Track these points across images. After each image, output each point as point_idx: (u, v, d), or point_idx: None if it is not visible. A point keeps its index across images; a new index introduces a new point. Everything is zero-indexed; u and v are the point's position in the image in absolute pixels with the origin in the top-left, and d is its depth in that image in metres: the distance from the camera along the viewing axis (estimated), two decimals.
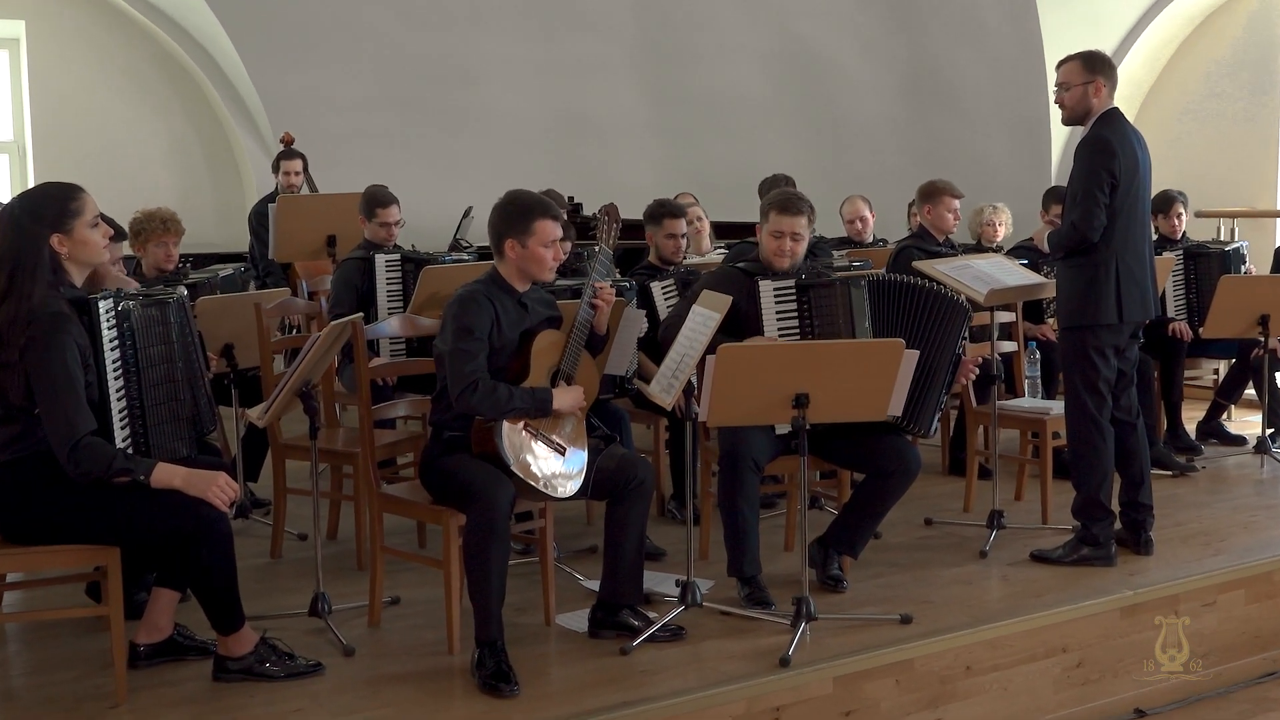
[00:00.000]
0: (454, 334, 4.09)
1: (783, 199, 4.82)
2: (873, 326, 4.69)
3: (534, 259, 4.20)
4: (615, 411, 5.31)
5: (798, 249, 4.81)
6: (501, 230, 4.21)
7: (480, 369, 4.05)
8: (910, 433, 4.74)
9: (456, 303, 4.15)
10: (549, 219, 4.21)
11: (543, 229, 4.19)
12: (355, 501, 5.16)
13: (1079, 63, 5.04)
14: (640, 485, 4.23)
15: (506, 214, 4.22)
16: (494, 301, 4.17)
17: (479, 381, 4.01)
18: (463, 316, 4.10)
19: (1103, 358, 5.01)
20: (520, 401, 4.04)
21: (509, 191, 4.32)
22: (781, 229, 4.78)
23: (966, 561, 5.20)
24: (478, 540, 3.91)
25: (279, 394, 4.13)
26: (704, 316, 4.37)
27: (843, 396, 4.09)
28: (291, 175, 8.44)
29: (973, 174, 10.70)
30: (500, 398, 4.01)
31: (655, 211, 5.94)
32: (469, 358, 4.04)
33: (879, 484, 4.66)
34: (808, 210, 4.83)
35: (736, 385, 3.99)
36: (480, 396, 4.00)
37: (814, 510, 5.71)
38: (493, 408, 4.02)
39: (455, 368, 4.05)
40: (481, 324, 4.10)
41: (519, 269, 4.22)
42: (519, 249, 4.19)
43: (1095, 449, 5.05)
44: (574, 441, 4.22)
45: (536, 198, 4.29)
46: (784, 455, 4.73)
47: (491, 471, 4.00)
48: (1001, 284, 5.40)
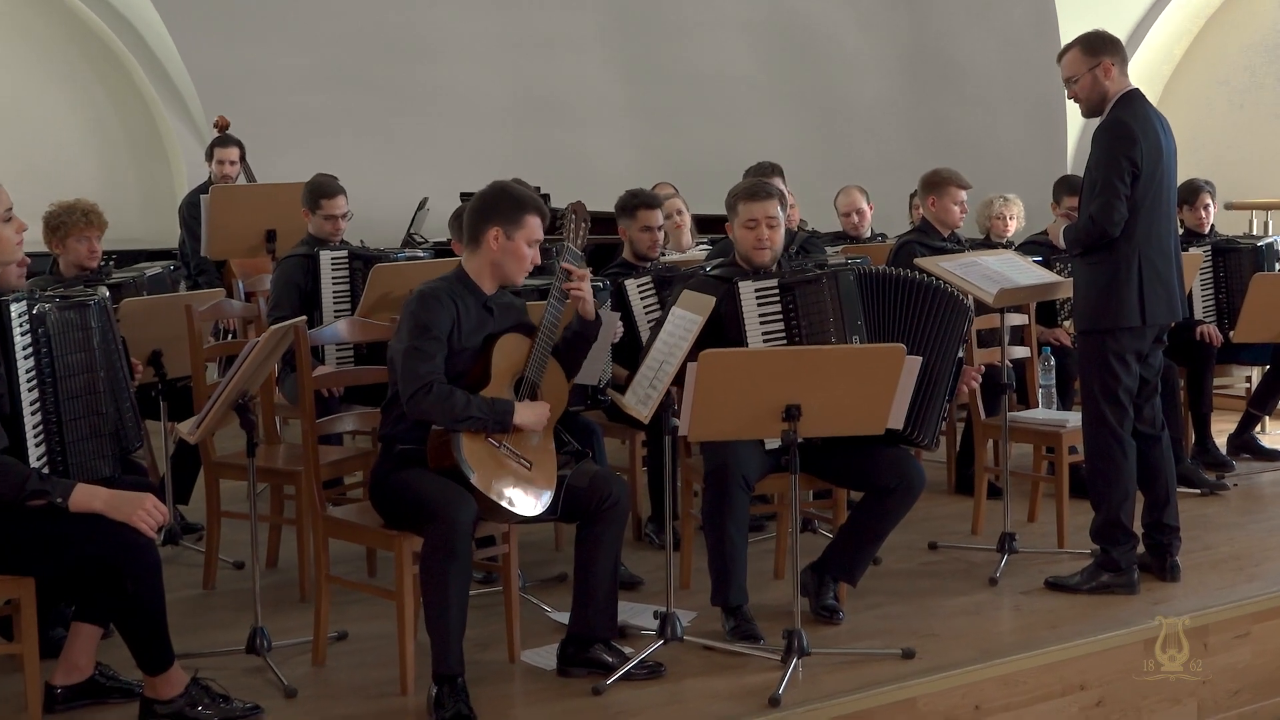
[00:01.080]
0: (410, 331, 4.10)
1: (748, 187, 4.88)
2: (866, 326, 4.71)
3: (515, 254, 4.23)
4: (587, 425, 5.30)
5: (775, 237, 4.83)
6: (487, 217, 4.23)
7: (436, 371, 4.06)
8: (913, 443, 4.76)
9: (416, 298, 4.17)
10: (540, 217, 4.27)
11: (532, 225, 4.24)
12: (298, 525, 5.14)
13: (1078, 50, 5.08)
14: (614, 506, 4.23)
15: (496, 202, 4.25)
16: (456, 301, 4.18)
17: (434, 384, 4.02)
18: (421, 313, 4.11)
19: (1124, 364, 5.04)
20: (478, 411, 4.05)
21: (497, 182, 4.37)
22: (754, 216, 4.80)
23: (975, 590, 5.21)
24: (436, 563, 3.91)
25: (212, 406, 4.11)
26: (684, 319, 4.38)
27: (838, 408, 4.09)
28: (227, 164, 8.41)
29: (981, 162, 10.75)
30: (456, 404, 4.02)
31: (628, 202, 5.95)
32: (424, 358, 4.06)
33: (879, 502, 4.67)
34: (777, 193, 4.87)
35: (721, 395, 4.00)
36: (434, 400, 4.01)
37: (806, 534, 5.71)
38: (446, 415, 4.03)
39: (408, 367, 4.06)
40: (441, 323, 4.11)
41: (493, 265, 4.24)
42: (503, 240, 4.22)
43: (1116, 465, 5.08)
44: (542, 457, 4.22)
45: (529, 191, 4.36)
46: (773, 473, 4.73)
47: (450, 487, 4.00)
48: (1013, 283, 5.42)
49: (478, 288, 4.26)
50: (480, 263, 4.26)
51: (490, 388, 4.15)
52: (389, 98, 11.15)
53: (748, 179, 4.99)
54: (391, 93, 11.15)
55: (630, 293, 5.61)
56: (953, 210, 6.50)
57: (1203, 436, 7.25)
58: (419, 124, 11.27)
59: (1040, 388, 6.37)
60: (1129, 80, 5.11)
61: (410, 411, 4.07)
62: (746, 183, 4.94)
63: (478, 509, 4.00)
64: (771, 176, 6.19)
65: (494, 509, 4.07)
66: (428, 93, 11.32)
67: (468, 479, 4.00)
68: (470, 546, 4.00)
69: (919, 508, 4.88)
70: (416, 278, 4.84)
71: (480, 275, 4.27)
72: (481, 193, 4.31)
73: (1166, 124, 5.13)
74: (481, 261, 4.25)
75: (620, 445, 6.08)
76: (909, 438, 4.69)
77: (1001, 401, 5.65)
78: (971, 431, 6.25)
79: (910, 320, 4.72)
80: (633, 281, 5.65)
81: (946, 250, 6.25)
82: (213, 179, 8.44)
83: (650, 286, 5.65)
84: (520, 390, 4.22)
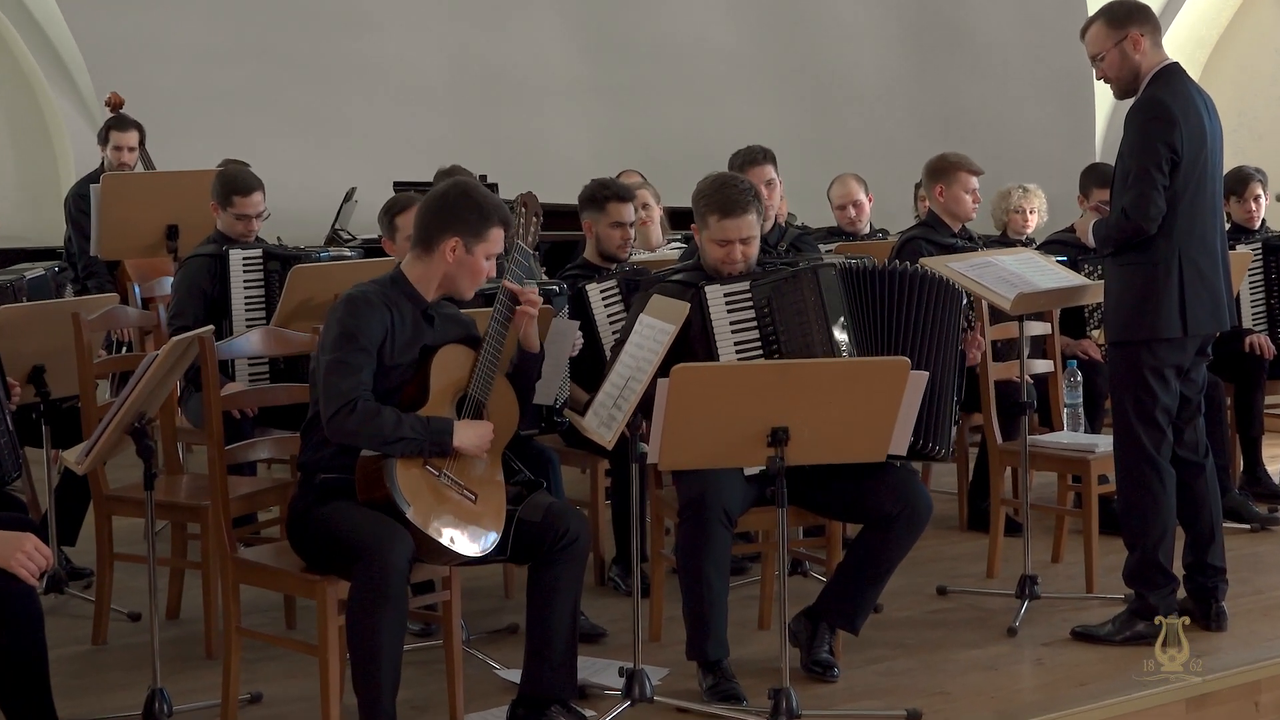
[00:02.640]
0: (334, 342, 4.11)
1: (721, 198, 4.81)
2: (852, 326, 4.71)
3: (472, 270, 4.27)
4: (541, 451, 5.29)
5: (750, 251, 4.84)
6: (446, 224, 4.24)
7: (362, 386, 4.06)
8: (927, 456, 4.78)
9: (343, 304, 4.18)
10: (505, 228, 4.30)
11: (495, 239, 4.28)
12: (203, 570, 5.11)
13: (1102, 23, 5.11)
14: (573, 544, 4.23)
15: (458, 208, 4.25)
16: (391, 308, 4.19)
17: (358, 401, 4.03)
18: (348, 320, 4.12)
19: (1162, 381, 5.06)
20: (411, 431, 4.05)
21: (461, 180, 4.38)
22: (727, 236, 4.80)
23: (991, 641, 5.22)
24: (365, 612, 3.91)
25: (104, 431, 4.09)
26: (654, 329, 4.39)
27: (832, 431, 4.10)
28: (124, 150, 8.37)
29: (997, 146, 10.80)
30: (384, 424, 4.02)
31: (595, 194, 5.95)
32: (349, 371, 4.06)
33: (880, 535, 4.68)
34: (755, 202, 4.84)
35: (696, 417, 4.00)
36: (358, 420, 4.01)
37: (796, 576, 5.70)
38: (374, 436, 4.03)
39: (331, 382, 4.06)
40: (371, 332, 4.12)
41: (444, 276, 4.27)
42: (461, 253, 4.24)
43: (1152, 497, 5.10)
44: (488, 488, 4.22)
45: (497, 200, 4.36)
46: (757, 506, 4.73)
47: (382, 523, 4.00)
48: (1034, 287, 5.45)
49: (417, 293, 4.27)
50: (428, 271, 4.27)
51: (428, 407, 4.15)
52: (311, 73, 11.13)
53: (720, 180, 4.88)
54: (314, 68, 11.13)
55: (592, 298, 5.61)
56: (964, 201, 6.51)
57: (1252, 463, 7.29)
58: (345, 103, 11.25)
59: (1065, 408, 6.39)
60: (1165, 53, 5.14)
61: (332, 434, 4.07)
62: (716, 188, 4.85)
63: (414, 548, 3.99)
64: (762, 164, 6.21)
65: (433, 548, 4.06)
66: (356, 67, 11.31)
67: (402, 513, 3.99)
68: (405, 592, 3.99)
69: (926, 546, 4.90)
70: (343, 281, 4.83)
71: (423, 281, 4.28)
72: (442, 192, 4.31)
73: (1211, 103, 5.15)
74: (430, 270, 4.27)
75: (580, 475, 6.07)
76: (921, 451, 4.72)
77: (1021, 424, 5.66)
78: (986, 458, 6.27)
79: (902, 318, 4.74)
80: (595, 286, 5.65)
81: (957, 248, 6.26)
82: (106, 166, 8.39)
83: (615, 291, 5.65)
84: (463, 410, 4.22)
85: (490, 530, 4.17)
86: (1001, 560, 6.01)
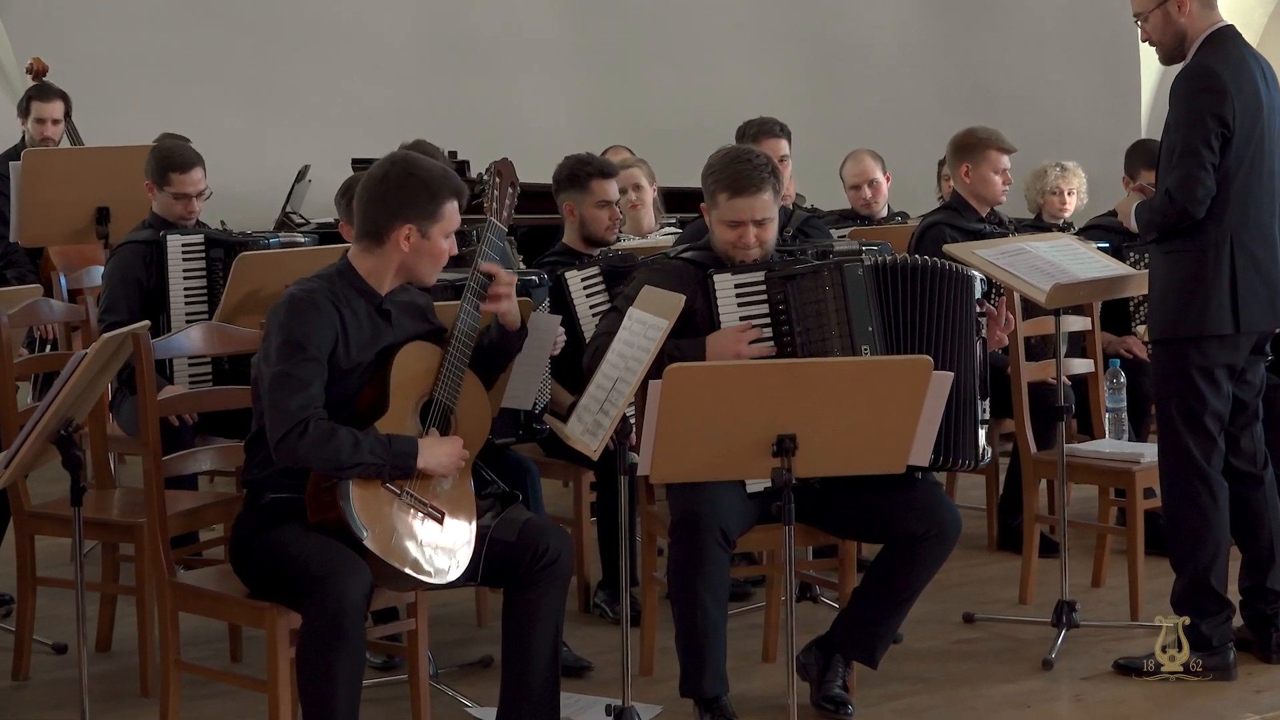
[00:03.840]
0: (279, 351, 4.08)
1: (732, 174, 4.82)
2: (879, 331, 4.71)
3: (431, 255, 4.26)
4: (518, 461, 5.30)
5: (766, 235, 4.84)
6: (394, 212, 4.22)
7: (314, 404, 4.04)
8: (951, 467, 4.78)
9: (285, 306, 4.15)
10: (458, 198, 4.29)
11: (452, 214, 4.26)
12: (138, 596, 5.11)
13: None
14: (553, 565, 4.23)
15: (403, 191, 4.23)
16: (341, 307, 4.18)
17: (309, 422, 4.01)
18: (292, 326, 4.09)
19: (1211, 383, 5.07)
20: (370, 454, 4.04)
21: (400, 156, 4.36)
22: (739, 216, 4.81)
23: (1024, 675, 5.23)
24: (318, 646, 3.90)
25: (25, 440, 4.08)
26: (644, 324, 4.38)
27: (845, 440, 4.10)
28: (47, 123, 8.37)
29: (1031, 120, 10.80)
30: (340, 447, 4.01)
31: (578, 171, 5.96)
32: (297, 387, 4.04)
33: (902, 556, 4.68)
34: (771, 179, 4.84)
35: (692, 423, 3.99)
36: (310, 445, 4.00)
37: (805, 603, 5.71)
38: (328, 461, 4.02)
39: (277, 400, 4.04)
40: (319, 338, 4.10)
41: (400, 266, 4.27)
42: (417, 239, 4.23)
43: (1202, 513, 5.11)
44: (457, 504, 4.22)
45: (442, 168, 4.35)
46: (761, 524, 4.73)
47: (336, 549, 3.99)
48: (1071, 277, 5.44)
49: (369, 287, 4.26)
50: (381, 263, 4.26)
51: (389, 416, 4.15)
52: (259, 37, 11.11)
53: (733, 155, 4.89)
54: (262, 31, 11.12)
55: (573, 288, 5.61)
56: (993, 182, 6.52)
57: None
58: (298, 71, 11.23)
59: (1107, 412, 6.39)
60: (1218, 14, 5.14)
61: (280, 458, 4.07)
62: (730, 163, 4.87)
63: (371, 580, 3.99)
64: (776, 139, 6.20)
65: (395, 575, 4.06)
66: (310, 31, 11.29)
67: (359, 538, 4.00)
68: (362, 630, 3.99)
69: (952, 569, 4.90)
70: (294, 270, 4.82)
71: (376, 275, 4.27)
72: (379, 175, 4.27)
73: (1270, 71, 5.14)
74: (382, 262, 4.26)
75: (562, 488, 6.09)
76: (942, 466, 4.74)
77: (1057, 431, 5.65)
78: (1018, 470, 6.27)
79: (927, 318, 4.75)
80: (576, 274, 5.65)
81: (985, 234, 6.27)
82: (27, 141, 8.39)
83: (599, 281, 5.65)
84: (429, 417, 4.22)
85: (459, 552, 4.17)
86: (1036, 584, 6.00)
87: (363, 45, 11.43)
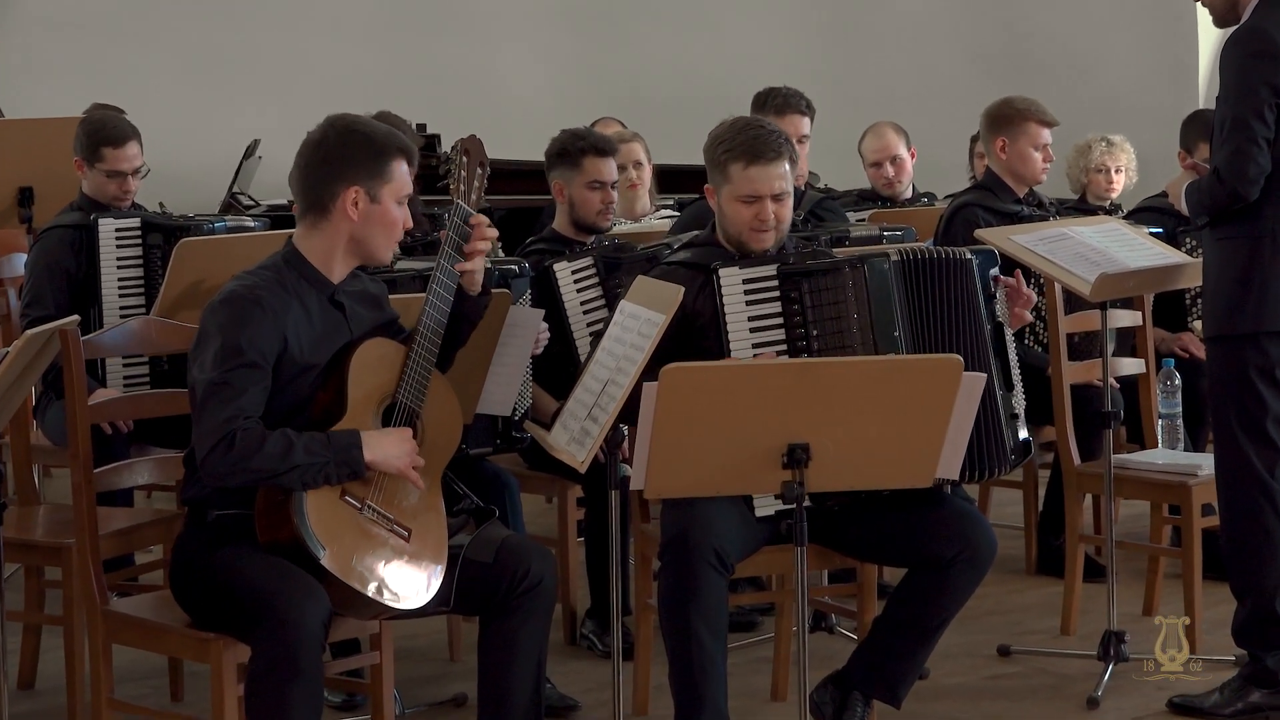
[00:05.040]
0: (215, 357, 4.08)
1: (746, 140, 4.80)
2: (910, 336, 4.72)
3: (384, 222, 4.26)
4: (496, 475, 5.30)
5: (784, 213, 4.83)
6: (338, 172, 4.22)
7: (247, 413, 4.04)
8: (977, 478, 4.79)
9: (222, 305, 4.15)
10: (407, 159, 4.28)
11: (402, 175, 4.26)
12: (66, 626, 5.09)
13: None
14: (534, 592, 4.23)
15: (345, 149, 4.23)
16: (288, 303, 4.18)
17: (235, 434, 4.00)
18: (230, 328, 4.09)
19: (1273, 385, 5.06)
20: (305, 455, 4.03)
21: (336, 117, 4.34)
22: (755, 190, 4.78)
23: (1067, 714, 5.23)
24: (271, 683, 3.90)
25: None
26: (639, 319, 4.38)
27: (864, 450, 4.09)
28: None
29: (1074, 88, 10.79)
30: (270, 453, 4.00)
31: (568, 146, 5.95)
32: (231, 397, 4.03)
33: (929, 582, 4.67)
34: (788, 148, 4.83)
35: (692, 431, 3.99)
36: (237, 457, 3.99)
37: (820, 634, 5.72)
38: (259, 471, 4.01)
39: (208, 411, 4.04)
40: (261, 342, 4.09)
41: (350, 240, 4.26)
42: (366, 203, 4.22)
43: (1265, 531, 5.10)
44: (426, 521, 4.22)
45: (386, 127, 4.36)
46: (769, 545, 4.72)
47: (290, 573, 3.99)
48: (1120, 266, 5.44)
49: (320, 276, 4.26)
50: (329, 240, 4.25)
51: (347, 421, 4.15)
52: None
53: (743, 123, 4.89)
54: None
55: (561, 279, 5.61)
56: (1032, 159, 6.52)
57: None
58: (248, 35, 11.22)
59: (1160, 419, 6.39)
60: None
61: (207, 477, 4.08)
62: (741, 130, 4.86)
63: (329, 606, 3.98)
64: (799, 115, 6.18)
65: (356, 600, 4.06)
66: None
67: (315, 559, 3.99)
68: (319, 663, 3.98)
69: (985, 595, 4.91)
70: (242, 258, 4.79)
71: (326, 257, 4.26)
72: (315, 139, 4.28)
73: None
74: (331, 239, 4.25)
75: (545, 505, 6.08)
76: (972, 476, 4.74)
77: (1104, 439, 5.64)
78: (1060, 483, 6.25)
79: (959, 318, 4.76)
80: (565, 265, 5.65)
81: (1022, 217, 6.27)
82: None
83: (591, 272, 5.66)
84: (393, 421, 4.21)
85: (429, 575, 4.17)
86: (1079, 612, 6.00)
87: (323, 6, 11.42)
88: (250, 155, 9.91)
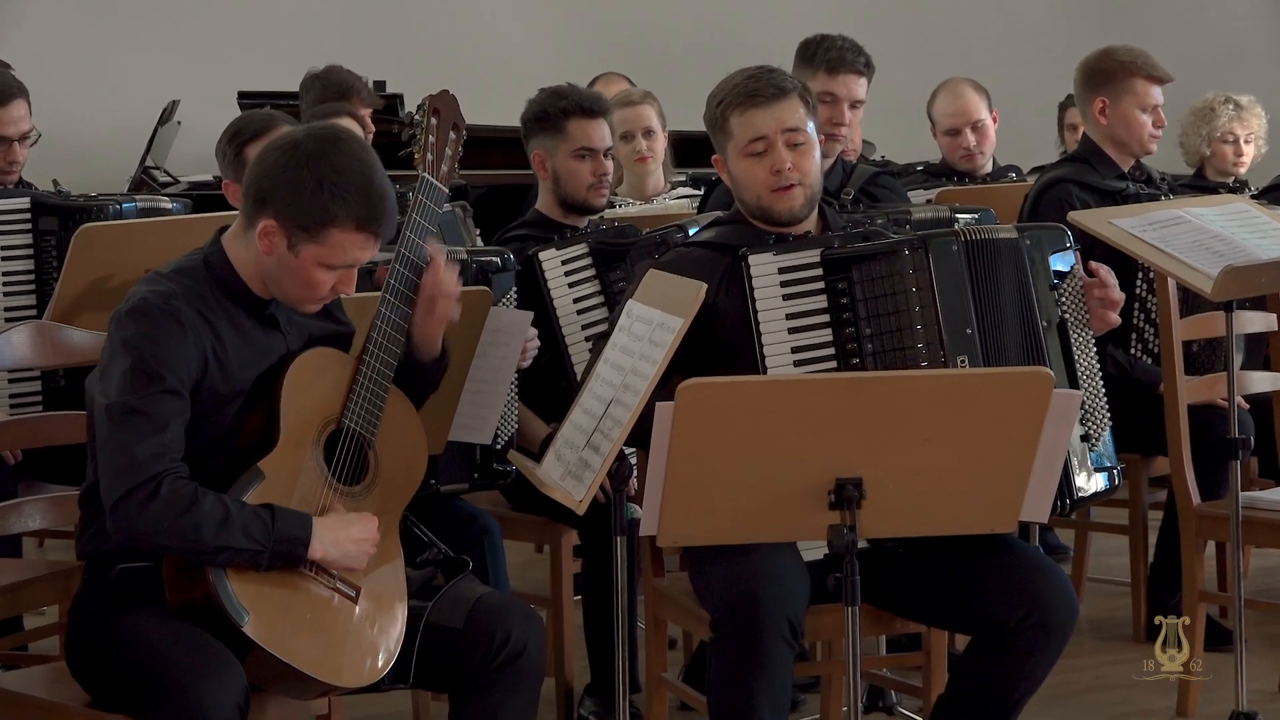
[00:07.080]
0: (125, 379, 4.06)
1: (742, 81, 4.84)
2: (981, 331, 4.70)
3: (297, 277, 4.25)
4: (473, 517, 5.33)
5: (804, 163, 4.80)
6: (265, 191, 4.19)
7: (170, 453, 4.04)
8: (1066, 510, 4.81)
9: (133, 316, 4.13)
10: (368, 233, 4.19)
11: (344, 245, 4.16)
12: None
13: None
14: (516, 663, 4.24)
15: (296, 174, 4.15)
16: (212, 317, 4.19)
17: (163, 480, 4.00)
18: (144, 346, 4.08)
19: None
20: (243, 536, 4.01)
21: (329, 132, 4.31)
22: (761, 131, 4.76)
23: None
24: None
25: None
26: (651, 323, 4.38)
27: (929, 486, 4.08)
28: None
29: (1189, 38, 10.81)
30: (202, 521, 3.99)
31: (547, 108, 5.98)
32: (150, 430, 4.03)
33: (992, 649, 4.64)
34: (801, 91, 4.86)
35: (717, 464, 3.98)
36: (160, 512, 3.99)
37: (876, 715, 5.73)
38: (184, 539, 4.00)
39: (120, 444, 4.03)
40: (179, 362, 4.09)
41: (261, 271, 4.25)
42: (281, 246, 4.19)
43: None
44: (379, 577, 4.22)
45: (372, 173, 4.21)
46: (814, 604, 4.65)
47: (202, 645, 3.99)
48: (1249, 257, 5.44)
49: (247, 290, 4.26)
50: (254, 257, 4.23)
51: (280, 449, 4.15)
52: None
53: (745, 72, 4.91)
54: None
55: (549, 272, 5.63)
56: (1139, 123, 6.53)
57: None
58: None
59: None
60: None
61: (116, 525, 4.04)
62: (741, 79, 4.89)
63: (246, 685, 3.97)
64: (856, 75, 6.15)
65: (288, 677, 4.06)
66: None
67: (236, 626, 3.99)
68: None
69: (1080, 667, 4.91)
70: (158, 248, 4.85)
71: (253, 271, 4.25)
72: (294, 141, 4.26)
73: None
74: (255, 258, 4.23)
75: (534, 555, 6.06)
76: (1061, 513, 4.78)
77: (1230, 473, 5.61)
78: (1175, 528, 6.23)
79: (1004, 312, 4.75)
80: (553, 254, 5.67)
81: (1127, 196, 6.26)
82: None
83: (585, 263, 5.68)
84: (339, 451, 4.21)
85: (381, 643, 4.17)
86: (1200, 688, 5.96)
87: None
88: (167, 120, 9.96)
